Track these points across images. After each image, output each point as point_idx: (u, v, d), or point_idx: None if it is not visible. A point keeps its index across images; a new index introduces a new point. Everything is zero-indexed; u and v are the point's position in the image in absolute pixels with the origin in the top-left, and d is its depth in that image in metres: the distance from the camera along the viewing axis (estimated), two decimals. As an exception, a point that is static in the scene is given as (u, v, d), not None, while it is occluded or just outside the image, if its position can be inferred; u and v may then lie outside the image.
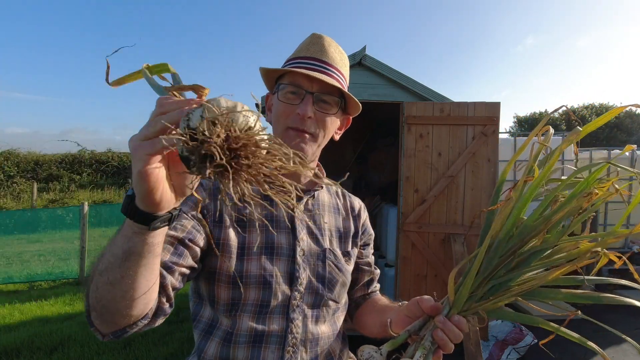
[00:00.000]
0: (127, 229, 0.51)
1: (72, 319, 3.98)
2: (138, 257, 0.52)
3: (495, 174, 3.46)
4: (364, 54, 3.57)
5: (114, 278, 0.53)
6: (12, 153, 14.68)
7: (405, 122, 3.50)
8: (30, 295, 4.80)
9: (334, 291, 0.87)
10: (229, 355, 0.77)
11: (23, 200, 12.70)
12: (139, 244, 0.51)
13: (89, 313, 0.60)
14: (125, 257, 0.52)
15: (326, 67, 0.83)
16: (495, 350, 3.21)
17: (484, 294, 0.69)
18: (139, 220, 0.50)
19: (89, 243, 5.73)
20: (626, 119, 16.23)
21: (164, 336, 3.50)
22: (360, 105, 0.90)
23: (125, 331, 0.62)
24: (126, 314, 0.58)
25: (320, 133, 0.84)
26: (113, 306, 0.56)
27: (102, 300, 0.56)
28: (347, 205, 1.00)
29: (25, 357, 3.13)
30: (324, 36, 0.88)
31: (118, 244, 0.53)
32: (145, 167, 0.44)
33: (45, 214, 8.07)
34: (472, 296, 0.69)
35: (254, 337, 0.78)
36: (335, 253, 0.89)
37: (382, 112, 5.12)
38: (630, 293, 4.78)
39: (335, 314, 0.89)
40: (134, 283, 0.54)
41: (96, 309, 0.58)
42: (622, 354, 3.38)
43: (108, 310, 0.57)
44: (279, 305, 0.80)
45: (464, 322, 0.68)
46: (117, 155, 16.14)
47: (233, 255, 0.78)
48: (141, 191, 0.46)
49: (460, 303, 0.69)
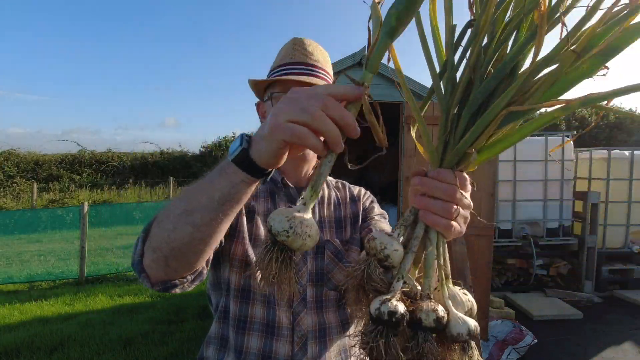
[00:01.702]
0: (233, 177, 0.53)
1: (72, 319, 3.98)
2: (235, 203, 0.55)
3: (495, 174, 3.46)
4: (364, 54, 3.58)
5: (203, 220, 0.55)
6: (12, 153, 14.68)
7: (405, 122, 3.50)
8: (30, 295, 4.80)
9: (334, 281, 0.90)
10: (244, 342, 0.82)
11: (23, 200, 12.70)
12: (242, 191, 0.54)
13: (142, 257, 0.62)
14: (224, 202, 0.54)
15: (314, 70, 0.89)
16: (495, 350, 3.21)
17: (465, 131, 0.52)
18: (250, 171, 0.52)
19: (88, 243, 5.73)
20: (626, 119, 16.24)
21: (164, 336, 3.50)
22: None
23: (176, 284, 0.65)
24: (193, 261, 0.61)
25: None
26: (187, 249, 0.58)
27: (176, 241, 0.57)
28: (346, 195, 1.03)
29: (25, 357, 3.13)
30: (304, 39, 0.93)
31: (218, 187, 0.54)
32: (287, 140, 0.47)
33: (45, 214, 8.07)
34: (449, 141, 0.54)
35: (266, 327, 0.83)
36: (334, 244, 0.92)
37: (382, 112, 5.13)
38: (630, 293, 4.78)
39: (341, 302, 0.92)
40: (217, 227, 0.56)
41: (162, 250, 0.59)
42: (622, 354, 3.38)
43: (179, 252, 0.59)
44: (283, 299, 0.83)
45: (444, 171, 0.52)
46: (117, 155, 16.14)
47: (247, 242, 0.85)
48: (269, 152, 0.49)
49: (434, 153, 0.55)
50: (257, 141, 0.51)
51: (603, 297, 4.80)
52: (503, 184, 4.88)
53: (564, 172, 4.94)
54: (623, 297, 4.75)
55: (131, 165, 15.92)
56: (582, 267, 4.94)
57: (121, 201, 12.69)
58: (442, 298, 0.52)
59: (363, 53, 3.53)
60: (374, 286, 0.49)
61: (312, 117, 0.45)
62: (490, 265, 3.41)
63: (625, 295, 4.75)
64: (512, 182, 4.92)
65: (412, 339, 0.48)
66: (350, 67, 3.59)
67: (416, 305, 0.48)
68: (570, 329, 3.81)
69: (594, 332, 3.77)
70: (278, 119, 0.46)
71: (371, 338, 0.46)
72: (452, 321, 0.48)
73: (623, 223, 5.18)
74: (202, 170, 16.61)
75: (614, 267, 5.04)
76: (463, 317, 0.49)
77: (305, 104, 0.46)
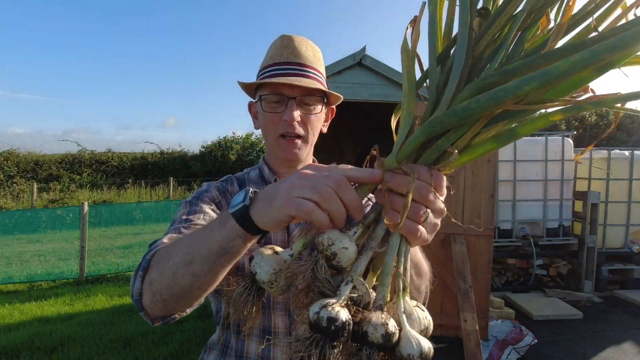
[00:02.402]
0: (231, 232, 0.54)
1: (72, 319, 3.98)
2: (232, 256, 0.56)
3: (495, 174, 3.46)
4: (364, 54, 3.57)
5: (202, 270, 0.57)
6: (12, 153, 14.67)
7: (405, 122, 3.50)
8: (30, 296, 4.80)
9: None
10: (244, 347, 0.83)
11: (23, 200, 12.69)
12: (239, 246, 0.55)
13: (142, 296, 0.63)
14: (221, 254, 0.55)
15: (303, 69, 0.86)
16: (495, 350, 3.21)
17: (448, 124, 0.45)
18: (248, 228, 0.53)
19: (88, 243, 5.73)
20: (626, 119, 16.23)
21: (164, 336, 3.50)
22: (341, 96, 0.95)
23: (175, 317, 0.66)
24: (191, 303, 0.63)
25: (309, 133, 0.89)
26: (187, 294, 0.60)
27: (176, 287, 0.59)
28: None
29: (25, 357, 3.13)
30: (293, 36, 0.89)
31: (217, 239, 0.55)
32: (294, 215, 0.47)
33: (45, 214, 8.08)
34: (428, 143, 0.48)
35: (263, 333, 0.83)
36: None
37: (382, 112, 5.13)
38: (630, 293, 4.78)
39: None
40: (216, 276, 0.58)
41: (161, 294, 0.60)
42: (622, 354, 3.38)
43: (179, 297, 0.60)
44: (279, 303, 0.83)
45: (420, 167, 0.46)
46: (117, 155, 16.13)
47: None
48: (272, 220, 0.50)
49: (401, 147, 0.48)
50: (262, 204, 0.51)
51: (603, 297, 4.80)
52: (503, 184, 4.88)
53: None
54: (623, 297, 4.75)
55: (131, 165, 15.92)
56: (582, 267, 4.94)
57: (121, 201, 12.69)
58: (397, 312, 0.44)
59: (363, 53, 3.52)
60: (319, 287, 0.43)
61: (322, 197, 0.46)
62: (490, 265, 3.41)
63: (625, 295, 4.75)
64: (512, 182, 4.92)
65: (354, 355, 0.41)
66: (350, 67, 3.59)
67: (364, 316, 0.41)
68: (570, 329, 3.81)
69: (594, 332, 3.76)
70: (290, 193, 0.47)
71: (304, 346, 0.39)
72: (404, 339, 0.41)
73: (623, 223, 5.18)
74: (202, 170, 16.49)
75: (614, 267, 5.04)
76: (417, 337, 0.42)
77: (319, 183, 0.46)
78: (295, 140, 0.86)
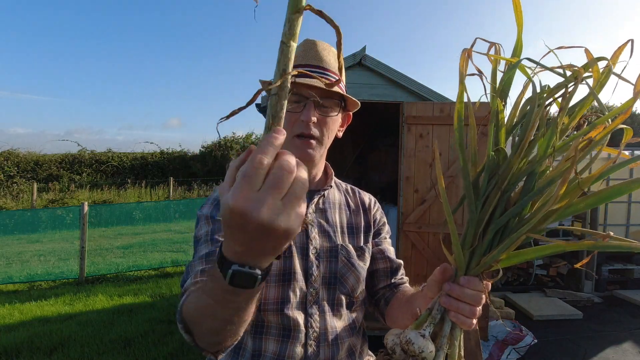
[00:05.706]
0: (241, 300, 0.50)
1: (72, 319, 3.98)
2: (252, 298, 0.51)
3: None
4: (364, 54, 3.57)
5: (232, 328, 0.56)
6: (12, 153, 14.66)
7: (405, 122, 3.50)
8: (30, 295, 4.80)
9: (347, 286, 0.91)
10: (261, 346, 0.83)
11: (23, 200, 12.69)
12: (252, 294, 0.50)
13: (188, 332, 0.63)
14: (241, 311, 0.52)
15: (324, 73, 0.88)
16: (495, 350, 3.21)
17: (490, 244, 0.62)
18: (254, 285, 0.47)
19: (88, 243, 5.74)
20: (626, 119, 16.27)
21: (164, 336, 3.50)
22: (359, 102, 0.96)
23: (228, 347, 0.64)
24: (235, 338, 0.61)
25: (325, 135, 0.89)
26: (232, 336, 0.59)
27: (222, 342, 0.60)
28: (357, 201, 1.04)
29: (25, 357, 3.13)
30: (317, 41, 0.91)
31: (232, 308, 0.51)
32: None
33: (45, 214, 8.09)
34: (475, 251, 0.63)
35: (282, 331, 0.83)
36: (348, 249, 0.93)
37: (382, 112, 5.12)
38: (630, 293, 4.78)
39: (350, 308, 0.93)
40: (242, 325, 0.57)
41: (201, 339, 0.61)
42: (622, 353, 3.38)
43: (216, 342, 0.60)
44: (297, 301, 0.85)
45: (474, 280, 0.62)
46: (117, 155, 16.14)
47: None
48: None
49: (463, 261, 0.63)
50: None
51: (603, 297, 4.80)
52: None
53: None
54: (623, 297, 4.75)
55: (131, 165, 15.92)
56: (581, 267, 4.95)
57: (121, 201, 12.70)
58: None
59: (363, 53, 3.52)
60: None
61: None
62: (490, 265, 3.41)
63: (625, 295, 4.75)
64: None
65: None
66: (351, 67, 3.59)
67: None
68: (570, 329, 3.81)
69: (594, 332, 3.76)
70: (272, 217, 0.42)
71: None
72: None
73: (623, 223, 5.19)
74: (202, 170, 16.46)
75: (614, 267, 5.05)
76: None
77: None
78: (310, 141, 0.86)
